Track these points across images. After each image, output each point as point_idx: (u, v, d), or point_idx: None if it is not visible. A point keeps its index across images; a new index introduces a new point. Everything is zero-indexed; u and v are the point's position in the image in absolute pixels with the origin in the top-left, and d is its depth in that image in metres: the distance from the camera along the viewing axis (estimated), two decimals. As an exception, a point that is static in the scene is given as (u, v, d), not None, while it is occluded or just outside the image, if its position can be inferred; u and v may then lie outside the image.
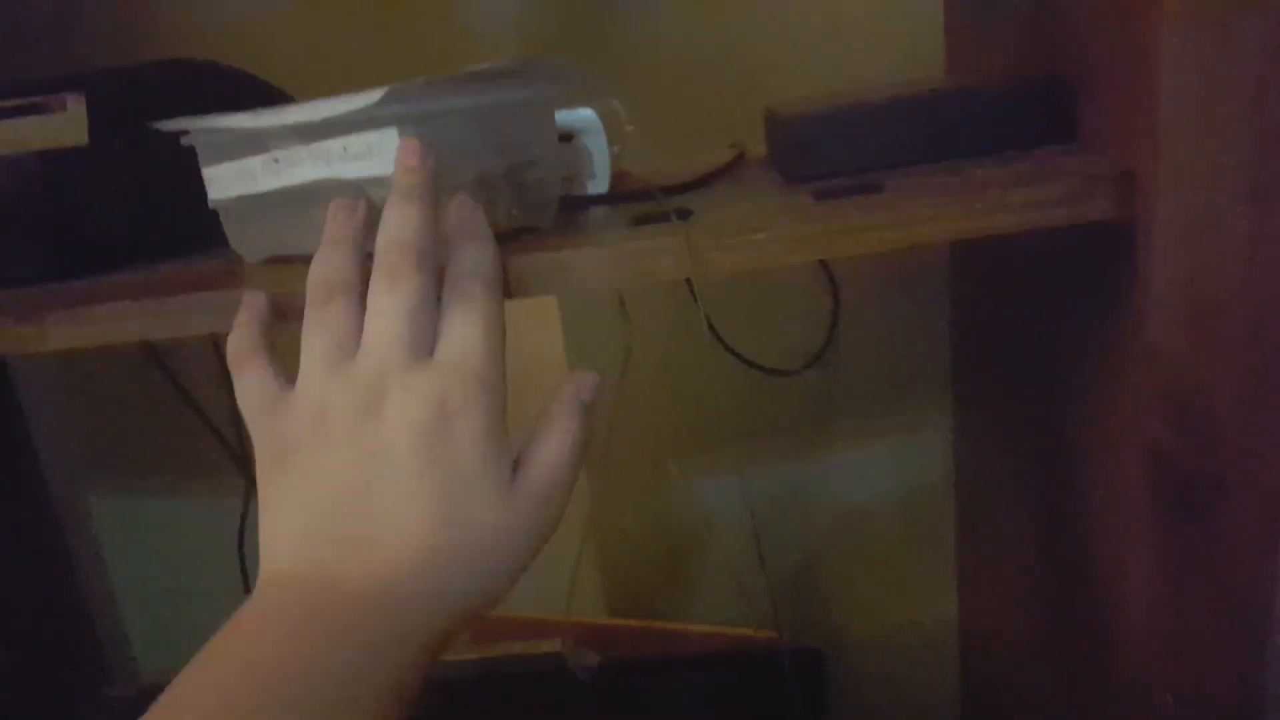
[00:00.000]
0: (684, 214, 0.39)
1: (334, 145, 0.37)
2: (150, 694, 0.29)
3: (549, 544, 0.34)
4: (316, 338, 0.34)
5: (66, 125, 0.44)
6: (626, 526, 0.90)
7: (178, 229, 0.48)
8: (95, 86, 0.46)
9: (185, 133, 0.41)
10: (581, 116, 0.49)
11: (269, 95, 0.56)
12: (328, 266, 0.35)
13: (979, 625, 0.76)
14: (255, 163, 0.39)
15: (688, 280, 0.38)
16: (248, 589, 0.90)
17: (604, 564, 0.91)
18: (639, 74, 0.75)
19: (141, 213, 0.48)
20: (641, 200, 0.46)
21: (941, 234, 0.34)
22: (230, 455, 0.88)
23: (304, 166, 0.38)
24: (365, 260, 0.35)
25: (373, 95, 0.35)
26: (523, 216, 0.41)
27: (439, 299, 0.34)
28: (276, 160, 0.38)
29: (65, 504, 0.92)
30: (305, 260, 0.36)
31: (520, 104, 0.41)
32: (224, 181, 0.41)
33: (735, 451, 0.86)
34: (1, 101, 0.44)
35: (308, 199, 0.39)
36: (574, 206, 0.47)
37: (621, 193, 0.47)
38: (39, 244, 0.45)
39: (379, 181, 0.37)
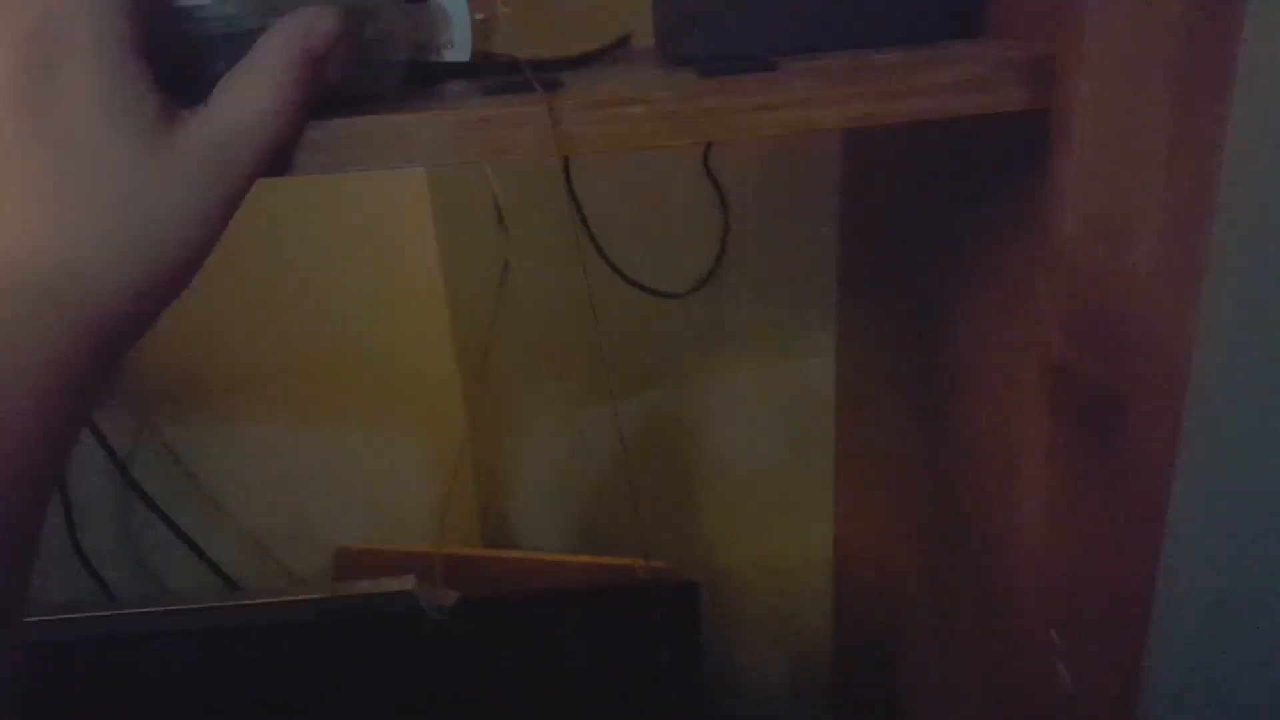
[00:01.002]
0: (551, 85, 0.34)
1: None
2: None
3: (421, 466, 0.29)
4: None
5: None
6: (502, 451, 0.85)
7: None
8: None
9: None
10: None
11: None
12: None
13: (856, 554, 0.75)
14: None
15: (571, 191, 0.33)
16: (69, 512, 0.82)
17: (479, 491, 0.86)
18: None
19: None
20: (506, 74, 0.40)
21: (839, 118, 0.30)
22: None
23: None
24: None
25: None
26: (359, 80, 0.35)
27: None
28: None
29: None
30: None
31: None
32: None
33: (615, 375, 0.82)
34: None
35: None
36: (424, 76, 0.40)
37: (482, 65, 0.41)
38: None
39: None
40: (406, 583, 0.58)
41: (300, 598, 0.58)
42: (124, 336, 0.28)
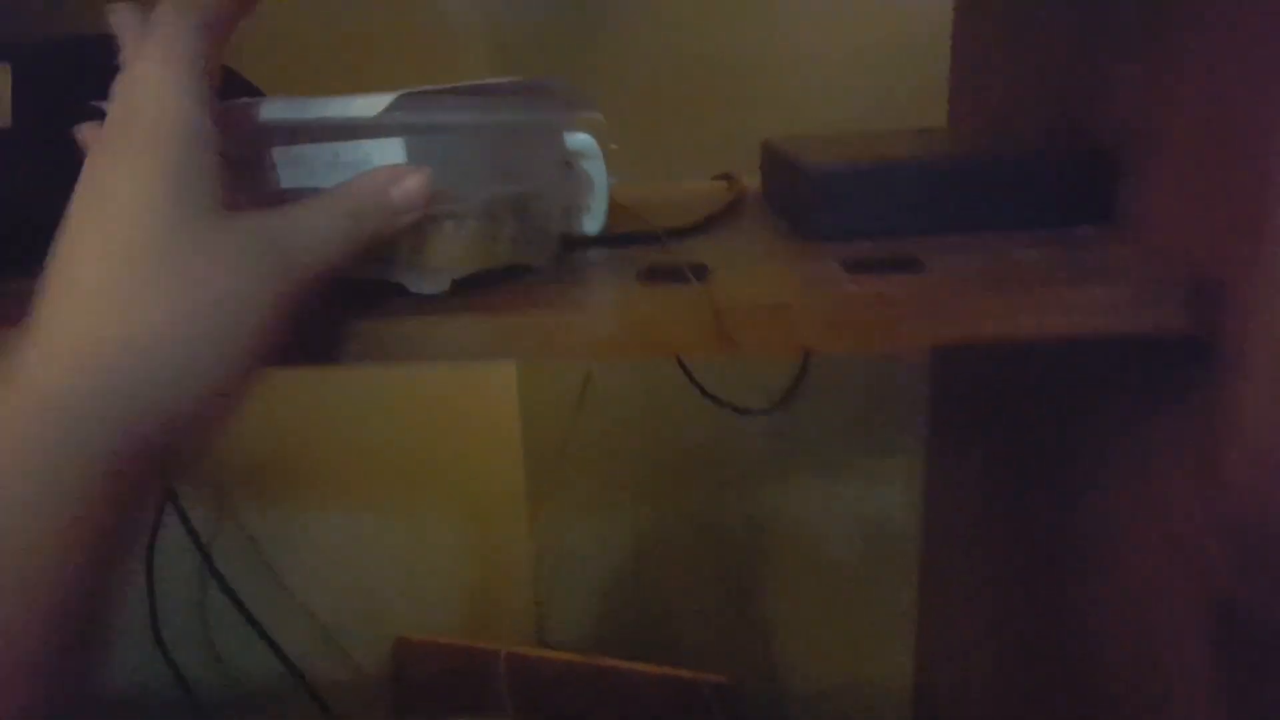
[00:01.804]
0: (700, 270, 0.35)
1: (321, 151, 0.32)
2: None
3: (483, 562, 0.29)
4: None
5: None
6: (571, 555, 0.86)
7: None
8: (22, 58, 0.40)
9: None
10: (580, 141, 0.44)
11: (228, 82, 0.50)
12: None
13: (940, 694, 0.73)
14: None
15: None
16: (154, 609, 0.84)
17: (537, 589, 0.86)
18: (614, 85, 0.71)
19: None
20: (643, 243, 0.42)
21: (994, 332, 0.30)
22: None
23: (284, 173, 0.32)
24: None
25: (380, 99, 0.30)
26: (523, 253, 0.36)
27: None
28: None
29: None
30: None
31: (531, 126, 0.36)
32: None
33: (689, 487, 0.82)
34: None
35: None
36: (570, 245, 0.42)
37: (622, 233, 0.43)
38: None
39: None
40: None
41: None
42: (188, 430, 0.28)
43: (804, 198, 0.40)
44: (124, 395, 0.26)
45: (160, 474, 0.28)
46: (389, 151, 0.31)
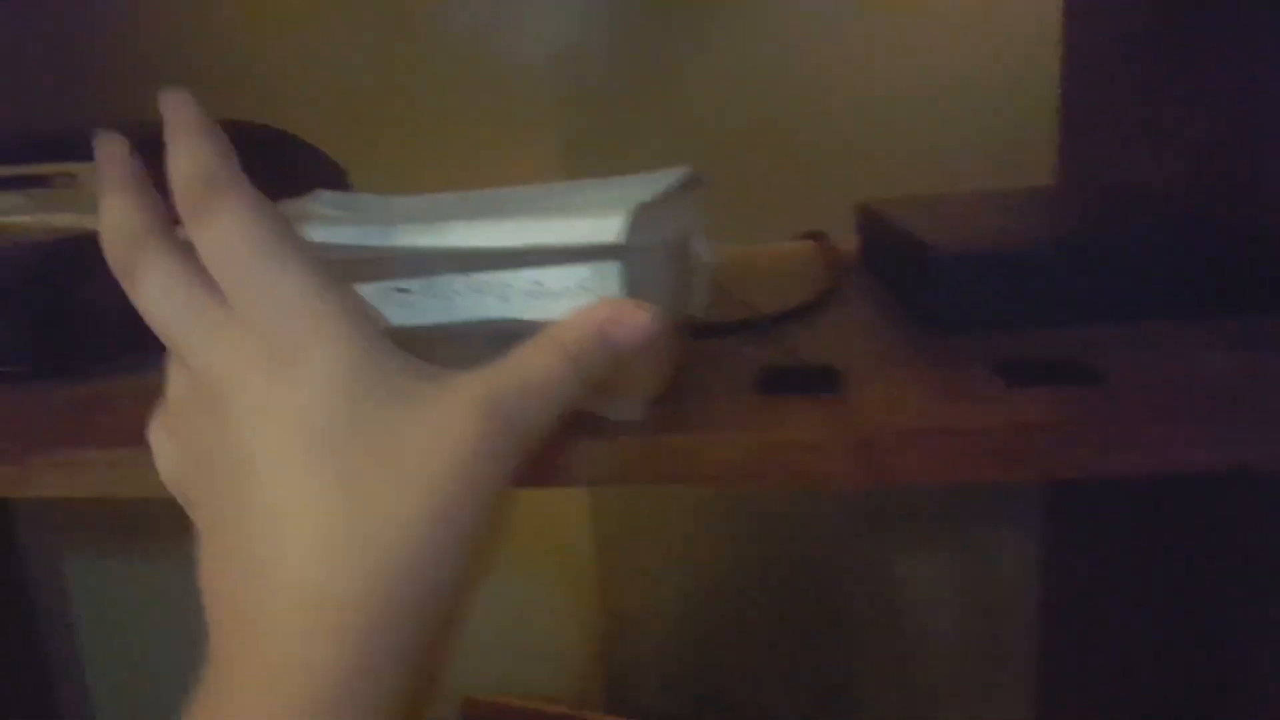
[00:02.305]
0: (830, 377, 0.32)
1: (517, 279, 0.29)
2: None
3: (551, 620, 0.25)
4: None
5: (79, 204, 0.36)
6: (644, 619, 0.82)
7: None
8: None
9: None
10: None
11: (328, 170, 0.48)
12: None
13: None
14: (367, 292, 0.30)
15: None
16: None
17: (615, 655, 0.83)
18: (679, 138, 0.68)
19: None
20: (747, 331, 0.38)
21: (1206, 461, 0.26)
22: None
23: (461, 302, 0.30)
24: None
25: (609, 224, 0.27)
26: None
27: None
28: (405, 292, 0.30)
29: (39, 563, 0.83)
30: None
31: (694, 225, 0.33)
32: None
33: (777, 554, 0.78)
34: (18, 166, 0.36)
35: (436, 343, 0.30)
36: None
37: (724, 323, 0.39)
38: (28, 341, 0.37)
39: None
40: None
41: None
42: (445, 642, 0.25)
43: (932, 284, 0.36)
44: (392, 647, 0.22)
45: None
46: (605, 276, 0.28)
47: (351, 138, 0.56)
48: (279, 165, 0.46)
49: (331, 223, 0.31)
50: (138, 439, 0.32)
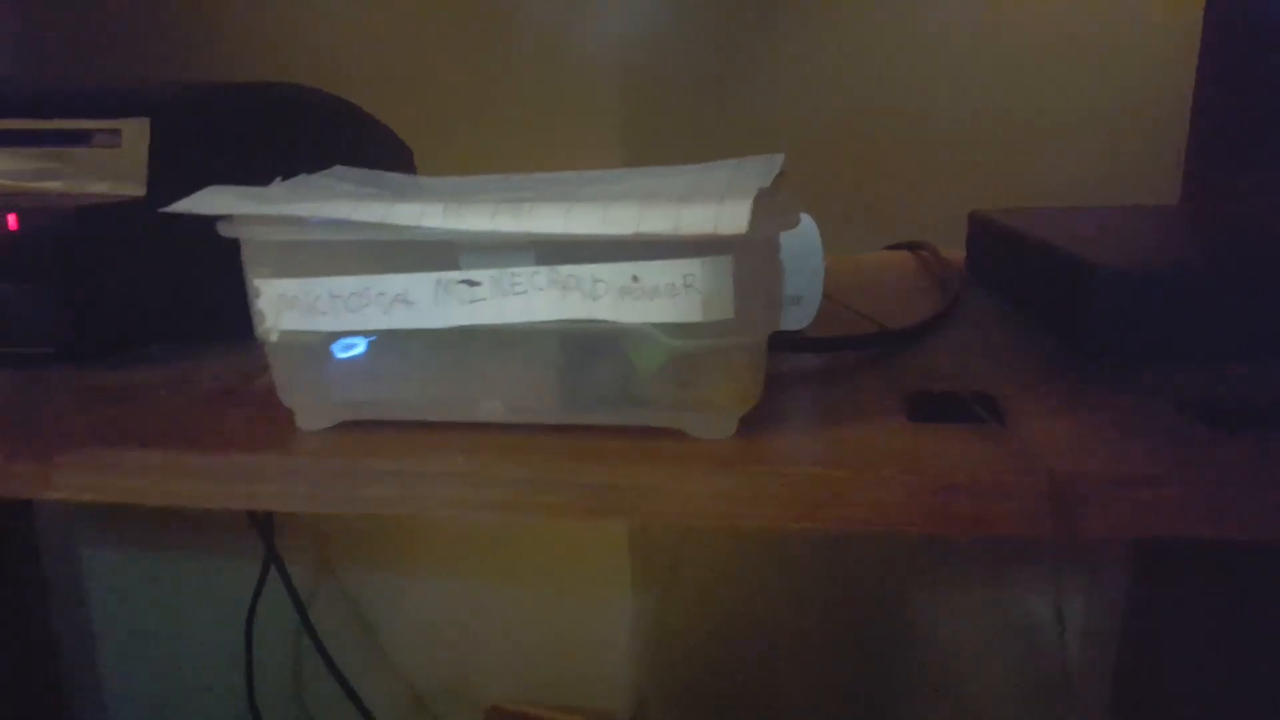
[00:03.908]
0: (990, 407, 0.27)
1: (612, 273, 0.25)
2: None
3: (579, 632, 0.22)
4: None
5: (120, 168, 0.32)
6: (676, 637, 0.78)
7: (220, 314, 0.35)
8: (160, 114, 0.34)
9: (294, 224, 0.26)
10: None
11: (395, 148, 0.44)
12: None
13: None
14: (425, 282, 0.26)
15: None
16: (250, 674, 0.79)
17: (644, 673, 0.79)
18: (764, 143, 0.63)
19: (187, 292, 0.35)
20: (867, 348, 0.34)
21: None
22: (251, 518, 0.76)
23: (539, 300, 0.25)
24: None
25: (733, 211, 0.23)
26: None
27: None
28: (472, 285, 0.26)
29: (54, 556, 0.79)
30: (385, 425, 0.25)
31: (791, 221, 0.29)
32: (327, 302, 0.27)
33: (826, 581, 0.73)
34: (41, 121, 0.32)
35: (506, 348, 0.26)
36: (781, 347, 0.34)
37: (841, 337, 0.35)
38: (53, 320, 0.33)
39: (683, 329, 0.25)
40: None
41: None
42: None
43: (1096, 305, 0.32)
44: None
45: None
46: (717, 272, 0.24)
47: (416, 119, 0.52)
48: (345, 137, 0.41)
49: (377, 199, 0.26)
50: (172, 439, 0.28)
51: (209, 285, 0.35)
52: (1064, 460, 0.24)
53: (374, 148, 0.44)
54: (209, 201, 0.26)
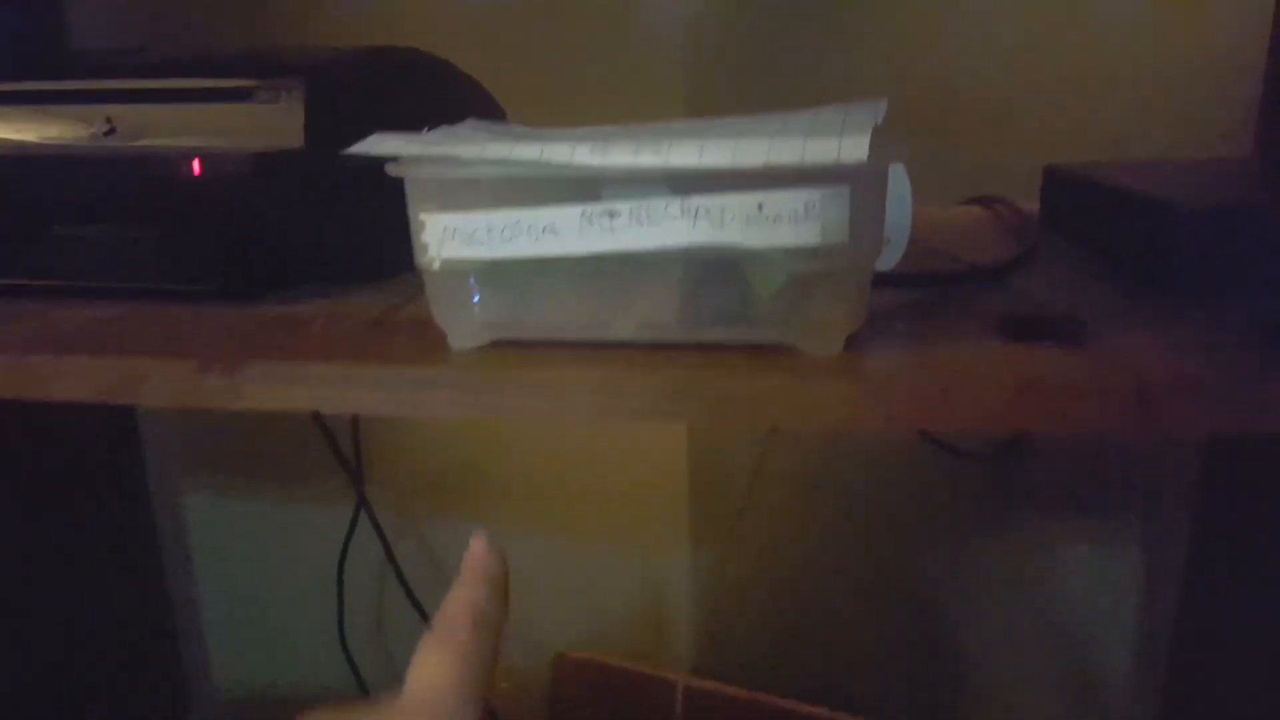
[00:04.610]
0: (1078, 330, 0.30)
1: (739, 203, 0.28)
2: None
3: (644, 582, 0.26)
4: None
5: (281, 121, 0.36)
6: (737, 585, 0.81)
7: (360, 256, 0.39)
8: (315, 75, 0.38)
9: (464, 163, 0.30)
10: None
11: (487, 105, 0.48)
12: None
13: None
14: (571, 214, 0.29)
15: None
16: (341, 613, 0.84)
17: (696, 614, 0.82)
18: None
19: (335, 236, 0.39)
20: (956, 283, 0.36)
21: None
22: (343, 466, 0.81)
23: (671, 227, 0.29)
24: None
25: (853, 143, 0.26)
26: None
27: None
28: (613, 215, 0.29)
29: (160, 498, 0.85)
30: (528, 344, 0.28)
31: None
32: (484, 233, 0.30)
33: (888, 530, 0.76)
34: (216, 80, 0.36)
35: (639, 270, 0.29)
36: (876, 282, 0.37)
37: (931, 273, 0.38)
38: (216, 261, 0.37)
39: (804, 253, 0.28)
40: None
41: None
42: None
43: (1171, 244, 0.34)
44: None
45: None
46: (837, 202, 0.27)
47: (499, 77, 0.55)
48: (455, 95, 0.45)
49: (527, 139, 0.30)
50: (343, 356, 0.32)
51: (353, 230, 0.39)
52: (1147, 366, 0.26)
53: (477, 105, 0.47)
54: (383, 144, 0.30)
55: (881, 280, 0.37)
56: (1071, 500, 0.72)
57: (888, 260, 0.40)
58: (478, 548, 0.36)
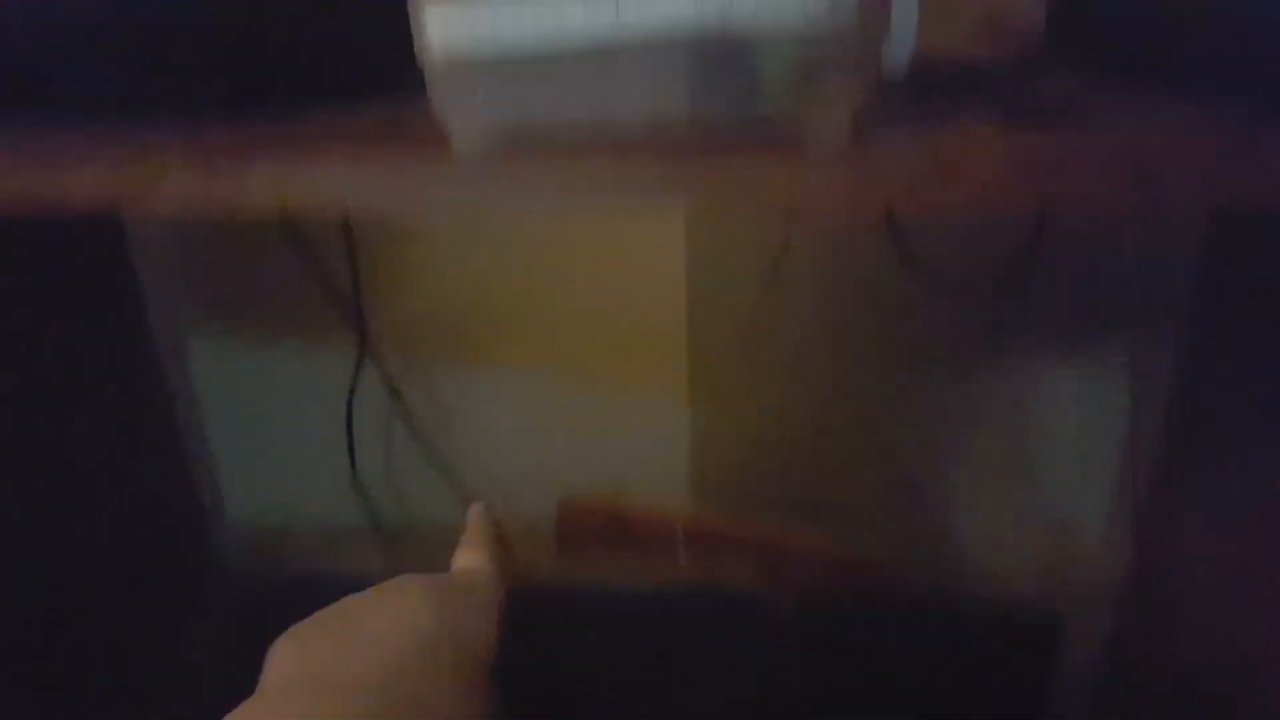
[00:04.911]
0: (1076, 114, 0.30)
1: None
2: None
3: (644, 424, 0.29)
4: None
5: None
6: (733, 424, 0.83)
7: (380, 59, 0.39)
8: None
9: None
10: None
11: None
12: None
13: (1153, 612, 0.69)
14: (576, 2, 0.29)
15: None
16: (352, 455, 0.87)
17: (694, 454, 0.85)
18: None
19: (342, 38, 0.39)
20: (961, 81, 0.36)
21: None
22: (344, 312, 0.82)
23: (678, 5, 0.28)
24: None
25: None
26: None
27: None
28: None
29: (166, 347, 0.86)
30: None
31: None
32: (488, 24, 0.30)
33: (883, 368, 0.78)
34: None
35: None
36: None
37: (934, 70, 0.37)
38: (235, 69, 0.36)
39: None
40: (747, 573, 0.57)
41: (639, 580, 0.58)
42: None
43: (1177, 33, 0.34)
44: None
45: None
46: None
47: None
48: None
49: None
50: (349, 157, 0.32)
51: (358, 32, 0.38)
52: (1147, 141, 0.27)
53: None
54: None
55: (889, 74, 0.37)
56: (1063, 335, 0.74)
57: (897, 54, 0.40)
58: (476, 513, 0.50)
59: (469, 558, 0.44)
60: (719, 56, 0.30)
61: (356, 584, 0.38)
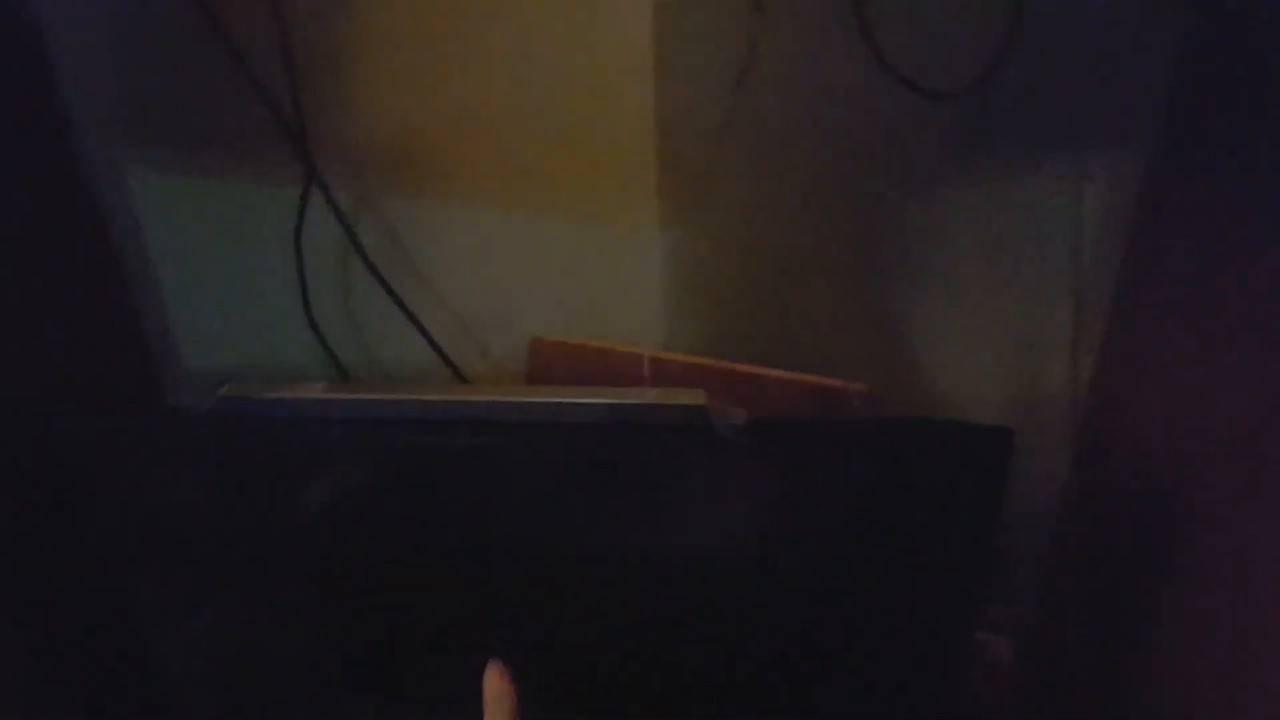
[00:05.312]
0: None
1: None
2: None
3: (614, 261, 0.26)
4: None
5: None
6: (704, 258, 0.81)
7: None
8: None
9: None
10: None
11: None
12: None
13: (1108, 426, 0.70)
14: None
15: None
16: (304, 283, 0.83)
17: (666, 293, 0.83)
18: None
19: None
20: None
21: None
22: (288, 134, 0.77)
23: None
24: None
25: None
26: None
27: None
28: None
29: (102, 178, 0.81)
30: None
31: None
32: None
33: (854, 178, 0.75)
34: None
35: None
36: None
37: None
38: None
39: None
40: (698, 397, 0.55)
41: (588, 402, 0.56)
42: None
43: None
44: None
45: None
46: None
47: None
48: None
49: None
50: None
51: None
52: None
53: None
54: None
55: None
56: (1038, 141, 0.71)
57: None
58: (493, 675, 0.49)
59: None
60: None
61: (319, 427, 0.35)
